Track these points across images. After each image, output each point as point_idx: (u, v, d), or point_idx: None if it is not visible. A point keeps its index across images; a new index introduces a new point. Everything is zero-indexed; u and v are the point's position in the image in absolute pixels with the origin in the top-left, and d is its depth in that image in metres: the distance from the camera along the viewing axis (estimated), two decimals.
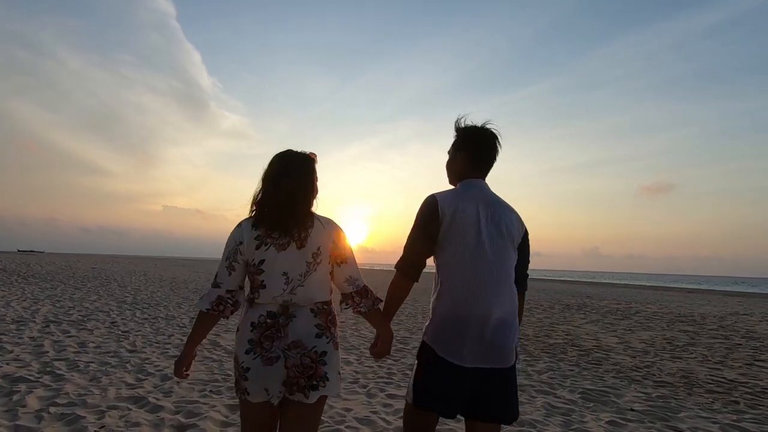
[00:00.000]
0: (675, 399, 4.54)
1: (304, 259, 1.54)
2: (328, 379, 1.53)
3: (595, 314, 12.92)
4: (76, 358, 4.55)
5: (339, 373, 1.61)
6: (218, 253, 1.66)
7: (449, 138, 1.87)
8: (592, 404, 4.16)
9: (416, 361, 1.72)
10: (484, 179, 1.82)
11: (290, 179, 1.58)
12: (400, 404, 3.72)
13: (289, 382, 1.50)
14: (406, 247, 1.72)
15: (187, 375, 1.66)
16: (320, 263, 1.56)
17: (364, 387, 4.22)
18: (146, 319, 7.73)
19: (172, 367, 4.49)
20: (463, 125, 1.83)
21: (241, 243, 1.56)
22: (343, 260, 1.62)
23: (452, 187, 1.85)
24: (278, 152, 1.65)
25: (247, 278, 1.63)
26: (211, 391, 3.74)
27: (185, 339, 6.08)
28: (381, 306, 1.70)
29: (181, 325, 7.32)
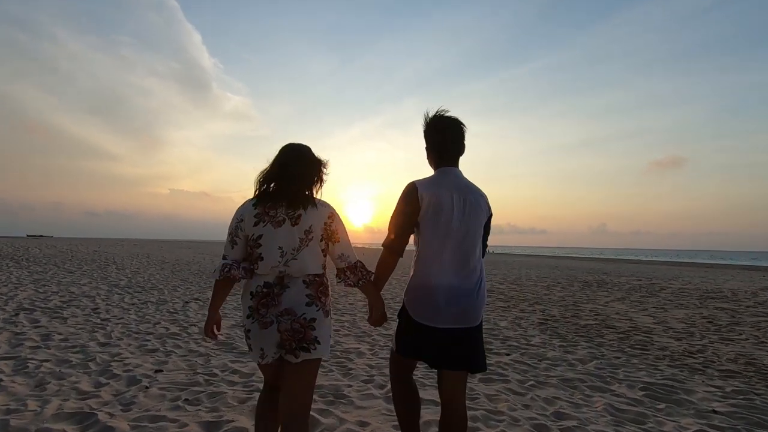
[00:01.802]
0: (756, 394, 3.73)
1: (297, 235, 1.70)
2: (319, 343, 1.71)
3: (619, 291, 12.15)
4: (30, 356, 3.78)
5: (330, 337, 1.78)
6: (226, 236, 1.81)
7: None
8: (663, 405, 3.36)
9: (398, 320, 1.97)
10: (456, 165, 1.97)
11: (296, 162, 1.76)
12: (431, 415, 2.93)
13: (283, 344, 1.68)
14: (390, 227, 1.92)
15: (216, 336, 1.84)
16: (312, 240, 1.73)
17: (382, 388, 3.43)
18: (134, 304, 6.99)
19: (145, 365, 3.45)
20: (428, 118, 1.99)
21: (242, 220, 1.73)
22: (336, 239, 1.80)
23: (432, 172, 2.03)
24: (292, 142, 1.85)
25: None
26: (186, 400, 2.94)
27: (171, 327, 5.38)
28: (372, 278, 1.90)
29: (171, 310, 6.57)
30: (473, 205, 1.88)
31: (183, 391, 3.11)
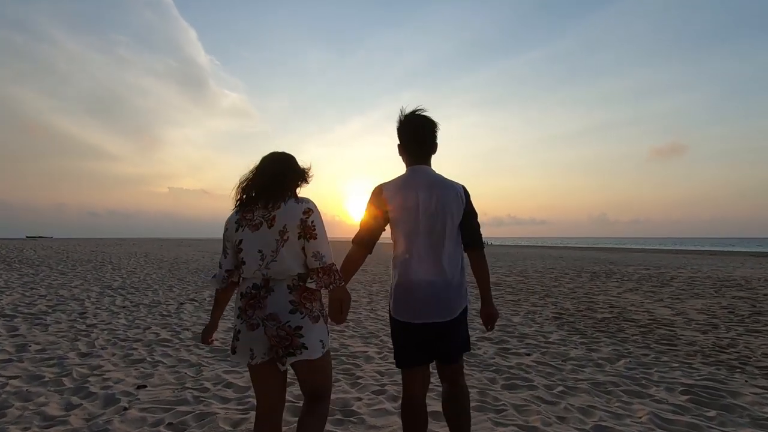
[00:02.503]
0: None
1: (273, 237, 1.71)
2: (306, 348, 1.69)
3: (629, 281, 11.78)
4: None
5: (321, 341, 1.75)
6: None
7: (450, 108, 2.04)
8: (713, 412, 2.97)
9: (390, 329, 2.04)
10: (426, 163, 1.99)
11: (273, 165, 1.80)
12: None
13: (272, 350, 1.70)
14: (360, 225, 1.99)
15: (212, 342, 1.95)
16: (287, 240, 1.71)
17: (395, 400, 3.04)
18: (125, 307, 6.60)
19: (128, 379, 3.16)
20: (401, 117, 1.99)
21: (227, 229, 1.80)
22: (311, 236, 1.74)
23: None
24: (274, 151, 1.90)
25: None
26: (170, 424, 2.54)
27: (162, 333, 4.86)
28: (342, 283, 1.83)
29: (164, 313, 6.17)
30: (441, 200, 1.89)
31: (167, 412, 2.70)
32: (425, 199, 1.87)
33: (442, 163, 2.22)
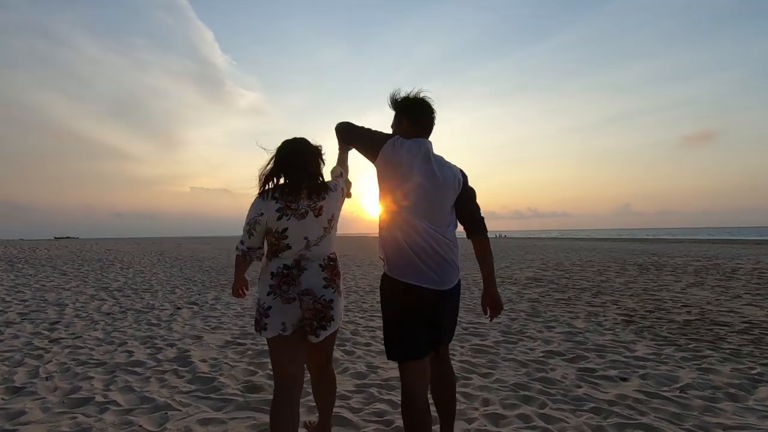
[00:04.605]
0: None
1: (321, 225, 1.85)
2: (333, 320, 1.88)
3: (685, 274, 10.42)
4: None
5: (341, 312, 1.93)
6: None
7: (467, 100, 1.50)
8: None
9: (382, 311, 1.90)
10: (428, 138, 2.01)
11: (300, 154, 1.88)
12: None
13: (305, 322, 1.83)
14: (355, 129, 2.03)
15: (244, 295, 2.03)
16: (333, 227, 1.91)
17: None
18: (110, 314, 5.58)
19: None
20: (399, 98, 2.00)
21: (262, 214, 1.82)
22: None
23: None
24: (288, 138, 1.98)
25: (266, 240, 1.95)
26: None
27: (137, 352, 3.61)
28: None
29: (154, 321, 5.14)
30: (442, 172, 1.88)
31: None
32: (428, 168, 1.86)
33: (458, 156, 1.29)
